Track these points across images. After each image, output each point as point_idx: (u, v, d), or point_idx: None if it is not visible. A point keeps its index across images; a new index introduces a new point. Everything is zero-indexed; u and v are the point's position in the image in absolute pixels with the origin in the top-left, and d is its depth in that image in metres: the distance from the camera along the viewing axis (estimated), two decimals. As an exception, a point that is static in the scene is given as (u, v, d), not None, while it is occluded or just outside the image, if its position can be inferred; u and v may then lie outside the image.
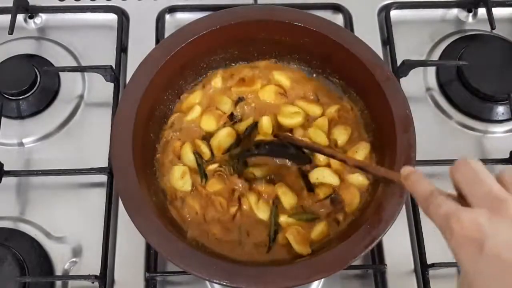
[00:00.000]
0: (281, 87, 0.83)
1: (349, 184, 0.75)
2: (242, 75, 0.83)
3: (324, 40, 0.77)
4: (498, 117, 0.91)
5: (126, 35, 0.97)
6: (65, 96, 0.91)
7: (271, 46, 0.82)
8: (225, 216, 0.74)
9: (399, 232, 0.81)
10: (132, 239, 0.79)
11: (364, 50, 0.76)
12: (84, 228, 0.81)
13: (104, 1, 0.99)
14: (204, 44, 0.77)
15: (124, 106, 0.72)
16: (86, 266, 0.79)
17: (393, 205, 0.66)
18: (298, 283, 0.62)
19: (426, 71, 0.95)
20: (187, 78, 0.82)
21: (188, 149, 0.77)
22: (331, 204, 0.74)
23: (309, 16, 0.79)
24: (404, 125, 0.70)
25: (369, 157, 0.77)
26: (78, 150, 0.87)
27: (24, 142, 0.88)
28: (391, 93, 0.72)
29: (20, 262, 0.76)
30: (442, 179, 0.86)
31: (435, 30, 1.00)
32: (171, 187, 0.76)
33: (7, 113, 0.88)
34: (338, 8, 1.00)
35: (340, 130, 0.79)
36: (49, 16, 0.99)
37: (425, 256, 0.79)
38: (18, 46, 0.95)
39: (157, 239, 0.64)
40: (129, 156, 0.68)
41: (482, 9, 0.99)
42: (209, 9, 0.96)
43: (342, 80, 0.82)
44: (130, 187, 0.67)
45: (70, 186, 0.84)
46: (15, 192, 0.85)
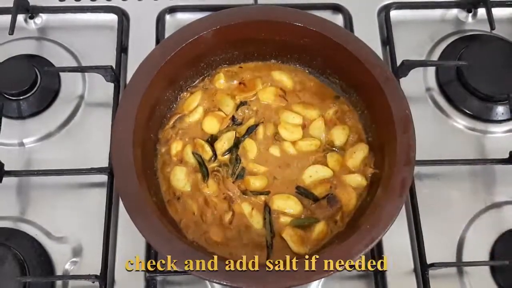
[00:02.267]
0: (282, 88, 0.83)
1: (346, 184, 0.75)
2: (243, 77, 0.83)
3: (324, 40, 0.77)
4: (497, 117, 0.91)
5: (126, 35, 0.97)
6: (66, 96, 0.92)
7: (271, 46, 0.82)
8: (222, 219, 0.74)
9: (399, 232, 0.81)
10: (132, 239, 0.79)
11: (364, 50, 0.76)
12: (84, 228, 0.81)
13: (104, 2, 0.99)
14: (204, 44, 0.78)
15: (124, 106, 0.72)
16: (86, 266, 0.79)
17: (393, 205, 0.66)
18: (298, 283, 0.62)
19: (426, 71, 0.95)
20: (187, 78, 0.82)
21: (190, 149, 0.78)
22: (328, 204, 0.74)
23: (309, 16, 0.79)
24: (404, 125, 0.70)
25: (367, 158, 0.77)
26: (78, 150, 0.87)
27: (24, 142, 0.88)
28: (391, 93, 0.72)
29: (21, 262, 0.76)
30: (442, 179, 0.87)
31: (435, 30, 1.00)
32: (170, 187, 0.76)
33: (7, 113, 0.88)
34: (338, 8, 1.00)
35: (338, 131, 0.79)
36: (49, 16, 0.99)
37: (425, 256, 0.79)
38: (18, 46, 0.95)
39: (157, 239, 0.64)
40: (129, 156, 0.68)
41: (481, 9, 0.99)
42: (209, 9, 0.96)
43: (342, 80, 0.82)
44: (130, 187, 0.67)
45: (70, 186, 0.85)
46: (16, 192, 0.85)
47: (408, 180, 0.67)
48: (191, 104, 0.82)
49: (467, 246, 0.82)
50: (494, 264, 0.79)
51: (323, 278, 0.76)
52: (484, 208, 0.85)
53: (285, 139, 0.78)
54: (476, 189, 0.86)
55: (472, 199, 0.85)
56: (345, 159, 0.77)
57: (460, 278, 0.80)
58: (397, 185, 0.67)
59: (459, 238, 0.83)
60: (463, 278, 0.80)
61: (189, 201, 0.75)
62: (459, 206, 0.85)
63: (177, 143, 0.78)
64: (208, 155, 0.77)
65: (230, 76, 0.84)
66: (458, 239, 0.82)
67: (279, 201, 0.74)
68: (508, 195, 0.86)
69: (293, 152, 0.78)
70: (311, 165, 0.77)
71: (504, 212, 0.84)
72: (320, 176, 0.76)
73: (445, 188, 0.86)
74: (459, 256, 0.81)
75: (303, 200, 0.75)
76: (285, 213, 0.74)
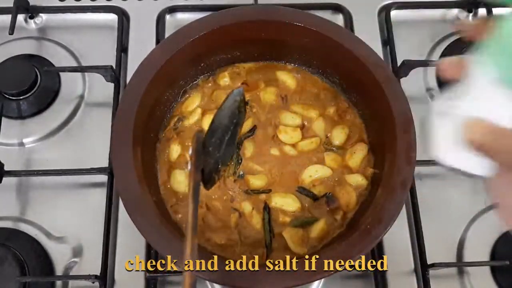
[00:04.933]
0: (285, 88, 0.83)
1: (346, 184, 0.75)
2: (246, 77, 0.83)
3: (324, 40, 0.77)
4: (498, 117, 0.91)
5: (126, 35, 0.97)
6: (66, 96, 0.91)
7: (271, 46, 0.82)
8: (222, 220, 0.74)
9: (399, 232, 0.81)
10: (132, 239, 0.79)
11: (364, 50, 0.76)
12: (84, 228, 0.81)
13: (104, 1, 0.99)
14: (204, 44, 0.77)
15: (124, 106, 0.72)
16: (86, 266, 0.79)
17: (393, 205, 0.66)
18: (298, 283, 0.62)
19: (426, 71, 0.95)
20: (187, 78, 0.82)
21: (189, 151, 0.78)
22: (326, 203, 0.74)
23: (309, 16, 0.79)
24: (405, 125, 0.70)
25: (367, 158, 0.77)
26: (78, 150, 0.87)
27: (24, 142, 0.88)
28: (391, 93, 0.72)
29: (21, 262, 0.76)
30: (442, 179, 0.87)
31: (435, 30, 1.00)
32: (170, 188, 0.76)
33: (7, 113, 0.88)
34: (338, 8, 1.00)
35: (338, 130, 0.79)
36: (49, 16, 0.99)
37: (425, 256, 0.79)
38: (18, 46, 0.95)
39: (157, 239, 0.64)
40: (129, 156, 0.68)
41: (482, 9, 0.99)
42: (209, 9, 0.96)
43: (342, 80, 0.82)
44: (130, 187, 0.67)
45: (70, 186, 0.85)
46: (16, 192, 0.85)
47: (408, 180, 0.67)
48: (191, 104, 0.81)
49: (468, 246, 0.82)
50: (495, 264, 0.79)
51: (323, 278, 0.76)
52: (484, 208, 0.84)
53: (284, 142, 0.78)
54: (477, 189, 0.86)
55: (473, 199, 0.85)
56: (345, 159, 0.77)
57: (461, 278, 0.80)
58: (398, 185, 0.67)
59: (459, 238, 0.83)
60: (463, 278, 0.80)
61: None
62: (460, 206, 0.85)
63: (176, 145, 0.78)
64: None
65: (234, 76, 0.84)
66: (459, 239, 0.82)
67: (277, 199, 0.74)
68: (509, 195, 0.86)
69: (293, 153, 0.78)
70: (311, 164, 0.77)
71: (505, 212, 0.84)
72: (320, 176, 0.76)
73: (446, 188, 0.86)
74: (459, 256, 0.81)
75: (303, 200, 0.75)
76: (284, 211, 0.74)
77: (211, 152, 0.61)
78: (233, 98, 0.62)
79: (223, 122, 0.61)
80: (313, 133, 0.79)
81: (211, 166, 0.62)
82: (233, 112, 0.62)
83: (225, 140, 0.62)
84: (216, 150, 0.61)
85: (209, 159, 0.61)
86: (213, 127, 0.62)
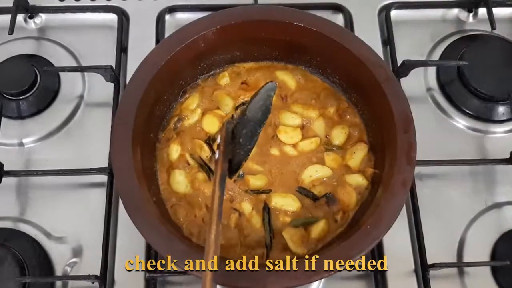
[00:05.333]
0: (285, 88, 0.83)
1: (346, 184, 0.75)
2: (246, 77, 0.83)
3: (324, 40, 0.77)
4: (498, 117, 0.91)
5: (126, 35, 0.97)
6: (65, 96, 0.91)
7: (271, 46, 0.82)
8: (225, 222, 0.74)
9: (399, 232, 0.81)
10: (132, 239, 0.79)
11: (365, 50, 0.76)
12: (84, 228, 0.81)
13: (104, 1, 0.99)
14: (204, 44, 0.77)
15: (124, 106, 0.72)
16: (86, 266, 0.79)
17: (393, 206, 0.66)
18: (298, 283, 0.62)
19: (427, 71, 0.95)
20: (187, 78, 0.82)
21: (189, 151, 0.77)
22: (326, 203, 0.74)
23: (309, 16, 0.79)
24: (405, 125, 0.70)
25: (367, 158, 0.77)
26: (78, 150, 0.87)
27: (24, 142, 0.88)
28: (391, 93, 0.72)
29: (20, 262, 0.76)
30: (442, 179, 0.87)
31: (435, 30, 1.00)
32: (170, 188, 0.76)
33: (7, 113, 0.88)
34: (338, 8, 1.00)
35: (338, 130, 0.79)
36: (49, 16, 0.99)
37: (426, 256, 0.78)
38: (18, 46, 0.95)
39: (157, 239, 0.64)
40: (129, 156, 0.68)
41: (482, 9, 0.99)
42: (209, 9, 0.96)
43: (342, 80, 0.82)
44: (130, 187, 0.67)
45: (70, 186, 0.84)
46: (15, 192, 0.85)
47: (408, 180, 0.67)
48: (191, 104, 0.81)
49: (468, 246, 0.81)
50: (495, 264, 0.79)
51: (323, 278, 0.76)
52: (485, 208, 0.84)
53: (284, 142, 0.78)
54: (477, 189, 0.86)
55: (473, 199, 0.85)
56: (346, 159, 0.77)
57: (461, 278, 0.80)
58: (398, 185, 0.67)
59: (459, 238, 0.82)
60: (463, 279, 0.80)
61: (191, 204, 0.75)
62: (460, 206, 0.85)
63: (176, 145, 0.78)
64: (207, 155, 0.77)
65: (234, 76, 0.84)
66: (459, 239, 0.82)
67: (277, 199, 0.74)
68: (509, 195, 0.86)
69: (293, 153, 0.78)
70: (311, 164, 0.77)
71: (505, 212, 0.84)
72: (320, 176, 0.76)
73: (446, 188, 0.86)
74: (459, 256, 0.81)
75: (303, 200, 0.75)
76: (284, 211, 0.74)
77: (241, 143, 0.62)
78: (266, 92, 0.62)
79: (256, 116, 0.62)
80: (313, 133, 0.80)
81: (241, 157, 0.62)
82: (266, 106, 0.62)
83: (257, 133, 0.63)
84: (248, 141, 0.62)
85: (239, 150, 0.62)
86: (246, 119, 0.62)
